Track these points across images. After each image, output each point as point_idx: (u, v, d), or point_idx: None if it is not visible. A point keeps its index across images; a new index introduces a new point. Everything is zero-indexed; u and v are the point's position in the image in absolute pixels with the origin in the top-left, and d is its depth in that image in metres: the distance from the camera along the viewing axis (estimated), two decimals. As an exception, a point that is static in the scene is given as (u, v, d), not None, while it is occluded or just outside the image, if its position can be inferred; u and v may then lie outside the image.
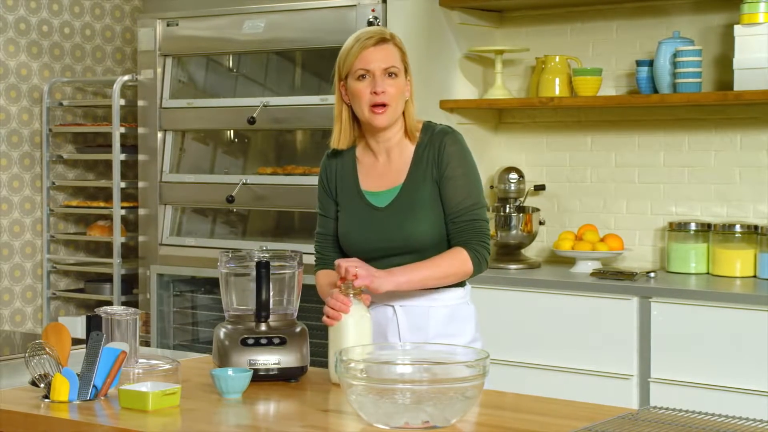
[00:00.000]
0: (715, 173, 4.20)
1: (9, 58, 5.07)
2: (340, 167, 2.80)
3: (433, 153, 2.69)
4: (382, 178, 2.74)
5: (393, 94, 2.66)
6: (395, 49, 2.69)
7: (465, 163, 2.70)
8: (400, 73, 2.68)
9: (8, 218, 5.10)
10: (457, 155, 2.69)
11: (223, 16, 4.67)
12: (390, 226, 2.69)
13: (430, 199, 2.69)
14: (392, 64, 2.66)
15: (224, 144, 5.03)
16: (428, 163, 2.69)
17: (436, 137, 2.70)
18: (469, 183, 2.70)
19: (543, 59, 4.38)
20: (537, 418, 2.27)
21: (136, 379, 2.48)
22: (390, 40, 2.69)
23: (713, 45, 4.15)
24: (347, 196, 2.77)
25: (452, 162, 2.68)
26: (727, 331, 3.62)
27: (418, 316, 2.71)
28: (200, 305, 4.94)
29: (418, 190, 2.69)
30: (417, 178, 2.70)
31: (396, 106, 2.67)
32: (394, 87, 2.66)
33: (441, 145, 2.69)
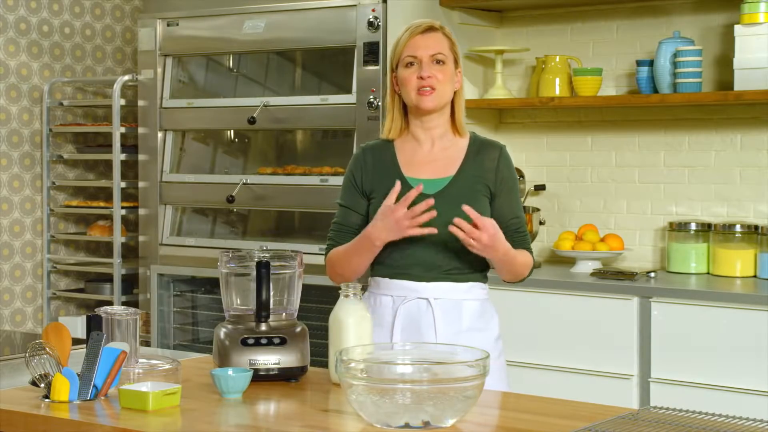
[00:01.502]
0: (715, 173, 4.20)
1: (9, 57, 5.07)
2: (377, 159, 2.79)
3: (489, 161, 2.75)
4: (428, 166, 2.75)
5: (441, 80, 2.70)
6: (444, 38, 2.74)
7: (516, 179, 2.82)
8: (447, 61, 2.72)
9: (8, 218, 5.10)
10: (511, 169, 2.79)
11: (223, 16, 4.67)
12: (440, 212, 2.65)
13: (478, 197, 2.72)
14: (440, 50, 2.71)
15: (224, 144, 5.03)
16: (484, 168, 2.74)
17: (493, 147, 2.78)
18: (518, 198, 2.81)
19: (543, 59, 4.38)
20: (537, 418, 2.27)
21: (137, 379, 2.48)
22: (439, 30, 2.74)
23: (713, 45, 4.15)
24: (387, 183, 2.72)
25: (511, 175, 2.78)
26: (728, 331, 3.62)
27: (451, 309, 2.73)
28: (200, 305, 4.94)
29: (467, 184, 2.72)
30: (469, 174, 2.73)
31: (443, 91, 2.71)
32: (441, 73, 2.70)
33: (499, 157, 2.76)
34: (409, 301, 2.73)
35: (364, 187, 2.79)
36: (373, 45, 4.23)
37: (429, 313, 2.72)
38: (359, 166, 2.81)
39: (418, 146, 2.77)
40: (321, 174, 4.44)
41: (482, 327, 2.76)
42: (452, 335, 2.69)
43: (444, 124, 2.76)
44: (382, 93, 4.22)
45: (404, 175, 2.75)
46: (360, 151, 2.85)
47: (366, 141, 4.01)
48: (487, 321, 2.78)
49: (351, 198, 2.81)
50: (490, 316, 2.80)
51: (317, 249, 4.37)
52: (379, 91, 4.23)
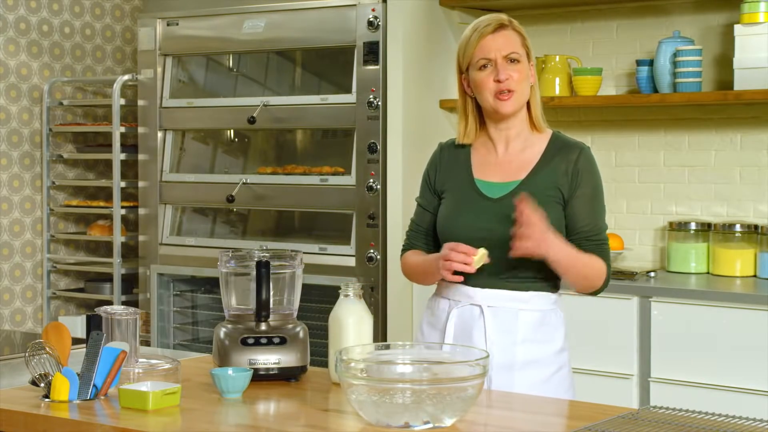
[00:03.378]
0: (715, 173, 4.20)
1: (9, 57, 5.07)
2: (452, 159, 2.71)
3: (566, 165, 2.59)
4: (498, 169, 2.64)
5: (517, 80, 2.58)
6: (515, 34, 2.61)
7: (597, 183, 2.63)
8: (522, 59, 2.59)
9: (8, 218, 5.10)
10: (592, 174, 2.62)
11: (223, 15, 4.67)
12: (497, 218, 2.57)
13: (548, 202, 2.56)
14: (513, 49, 2.59)
15: (224, 144, 5.03)
16: (557, 171, 2.59)
17: (573, 149, 2.62)
18: (600, 205, 2.63)
19: (543, 59, 4.38)
20: (537, 418, 2.27)
21: (137, 378, 2.48)
22: (509, 26, 2.61)
23: (713, 44, 4.15)
24: (456, 183, 2.66)
25: (587, 181, 2.60)
26: (728, 331, 3.62)
27: (506, 318, 2.59)
28: (200, 305, 4.94)
29: (538, 189, 2.57)
30: (540, 178, 2.59)
31: (521, 91, 2.59)
32: (517, 72, 2.58)
33: (578, 159, 2.60)
34: (462, 306, 2.63)
35: (436, 186, 2.72)
36: (373, 45, 4.23)
37: (481, 321, 2.60)
38: (434, 164, 2.74)
39: (493, 148, 2.66)
40: (321, 174, 4.44)
41: (541, 339, 2.60)
42: (507, 346, 2.57)
43: (520, 124, 2.64)
44: (381, 93, 4.22)
45: (474, 178, 2.66)
46: (437, 149, 2.77)
47: (371, 140, 3.98)
48: (549, 333, 2.61)
49: (426, 197, 2.75)
50: (553, 328, 2.62)
51: (317, 249, 4.38)
52: (379, 91, 4.23)
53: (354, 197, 4.29)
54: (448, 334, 2.63)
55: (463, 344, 2.54)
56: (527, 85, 2.61)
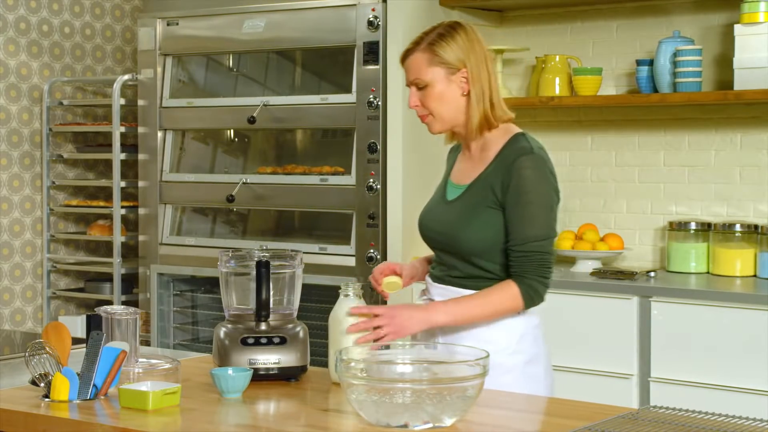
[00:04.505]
0: (715, 173, 4.20)
1: (9, 57, 5.07)
2: (452, 157, 2.80)
3: (503, 171, 2.56)
4: (464, 172, 2.69)
5: (428, 105, 2.61)
6: (422, 57, 2.60)
7: (537, 190, 2.54)
8: (430, 80, 2.59)
9: (8, 217, 5.10)
10: (529, 180, 2.54)
11: (223, 15, 4.67)
12: (445, 220, 2.64)
13: (486, 209, 2.58)
14: (416, 77, 2.61)
15: (224, 143, 5.03)
16: (497, 178, 2.57)
17: (512, 155, 2.57)
18: (539, 212, 2.54)
19: (543, 59, 4.38)
20: (537, 418, 2.27)
21: (137, 378, 2.48)
22: (415, 50, 2.62)
23: (713, 44, 4.15)
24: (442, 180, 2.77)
25: (522, 186, 2.53)
26: (728, 331, 3.62)
27: None
28: (200, 304, 4.94)
29: (478, 196, 2.60)
30: (482, 185, 2.60)
31: (439, 113, 2.61)
32: (427, 98, 2.61)
33: (513, 166, 2.55)
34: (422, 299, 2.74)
35: None
36: (373, 44, 4.23)
37: None
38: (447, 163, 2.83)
39: (465, 153, 2.72)
40: (321, 173, 4.44)
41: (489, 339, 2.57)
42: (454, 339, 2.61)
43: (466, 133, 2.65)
44: (381, 92, 4.22)
45: (448, 179, 2.74)
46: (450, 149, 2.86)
47: (371, 140, 3.99)
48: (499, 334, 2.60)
49: None
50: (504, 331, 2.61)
51: (317, 248, 4.38)
52: (379, 91, 4.23)
53: (354, 197, 4.29)
54: None
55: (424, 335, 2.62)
56: (445, 104, 2.61)
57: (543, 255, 2.54)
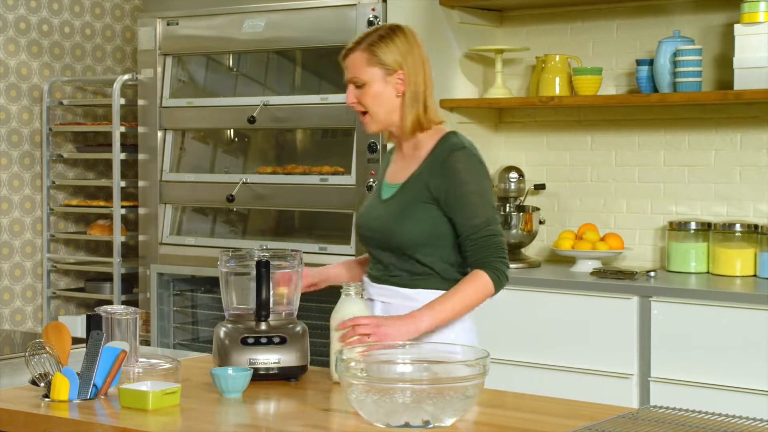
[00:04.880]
0: (715, 172, 4.20)
1: (9, 57, 5.07)
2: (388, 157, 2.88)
3: (438, 167, 2.67)
4: (397, 172, 2.78)
5: (365, 102, 2.69)
6: (362, 56, 2.68)
7: (472, 180, 2.65)
8: (368, 80, 2.67)
9: (8, 217, 5.10)
10: (464, 172, 2.65)
11: (223, 15, 4.67)
12: (381, 218, 2.73)
13: (421, 205, 2.68)
14: (353, 75, 2.70)
15: (224, 143, 5.03)
16: (430, 173, 2.67)
17: (446, 151, 2.68)
18: (481, 200, 2.65)
19: (543, 58, 4.38)
20: (537, 418, 2.27)
21: (137, 378, 2.48)
22: (356, 49, 2.69)
23: (713, 44, 4.15)
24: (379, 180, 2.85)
25: (458, 179, 2.64)
26: (728, 331, 3.62)
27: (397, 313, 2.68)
28: (200, 304, 4.94)
29: (413, 193, 2.70)
30: (416, 183, 2.70)
31: (374, 111, 2.70)
32: (364, 96, 2.69)
33: (447, 162, 2.66)
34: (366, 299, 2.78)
35: None
36: (373, 44, 4.22)
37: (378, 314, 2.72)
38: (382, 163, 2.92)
39: (398, 152, 2.81)
40: (321, 173, 4.43)
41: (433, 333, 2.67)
42: None
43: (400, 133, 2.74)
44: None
45: (383, 180, 2.82)
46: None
47: (370, 140, 4.02)
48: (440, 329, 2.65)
49: None
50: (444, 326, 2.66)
51: (317, 248, 4.38)
52: (379, 91, 4.22)
53: (354, 197, 4.29)
54: None
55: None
56: (381, 104, 2.69)
57: (497, 237, 2.65)
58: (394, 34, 2.69)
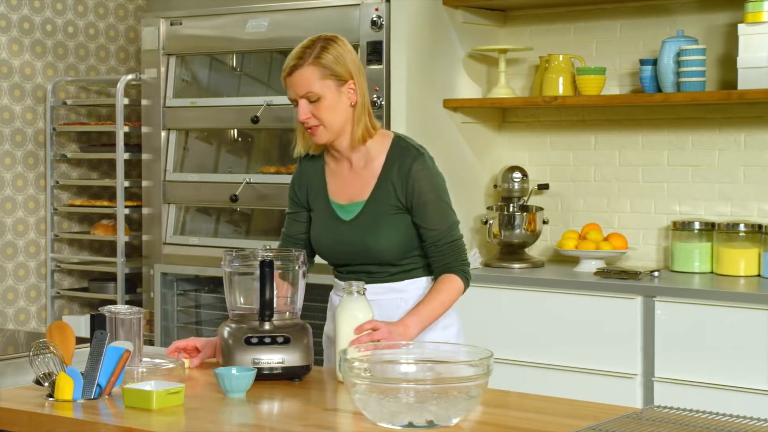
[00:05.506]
0: (719, 172, 4.20)
1: (13, 57, 5.08)
2: (312, 173, 2.86)
3: (401, 177, 2.73)
4: (347, 189, 2.80)
5: (320, 116, 2.70)
6: (312, 70, 2.67)
7: (435, 187, 2.76)
8: (322, 93, 2.67)
9: (12, 217, 5.11)
10: (426, 180, 2.74)
11: (226, 15, 4.67)
12: (354, 239, 2.78)
13: (392, 216, 2.75)
14: (307, 90, 2.68)
15: (228, 143, 5.04)
16: (395, 185, 2.74)
17: (405, 162, 2.74)
18: (442, 206, 2.77)
19: (547, 58, 4.38)
20: (540, 417, 2.27)
21: (140, 378, 2.49)
22: (303, 64, 2.68)
23: (717, 44, 4.15)
24: (317, 204, 2.84)
25: (423, 188, 2.73)
26: (731, 330, 3.62)
27: (388, 308, 2.78)
28: (204, 304, 4.94)
29: (381, 206, 2.75)
30: (381, 196, 2.76)
31: (329, 123, 2.71)
32: (317, 110, 2.69)
33: (409, 171, 2.73)
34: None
35: (302, 200, 2.89)
36: (377, 44, 4.22)
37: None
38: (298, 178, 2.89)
39: (340, 166, 2.82)
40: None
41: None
42: None
43: (350, 143, 2.77)
44: (385, 92, 4.22)
45: (330, 199, 2.83)
46: (298, 164, 2.90)
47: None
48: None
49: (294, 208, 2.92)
50: None
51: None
52: (383, 90, 4.23)
53: (357, 197, 4.29)
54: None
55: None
56: (338, 114, 2.71)
57: (460, 241, 2.80)
58: (335, 43, 2.70)
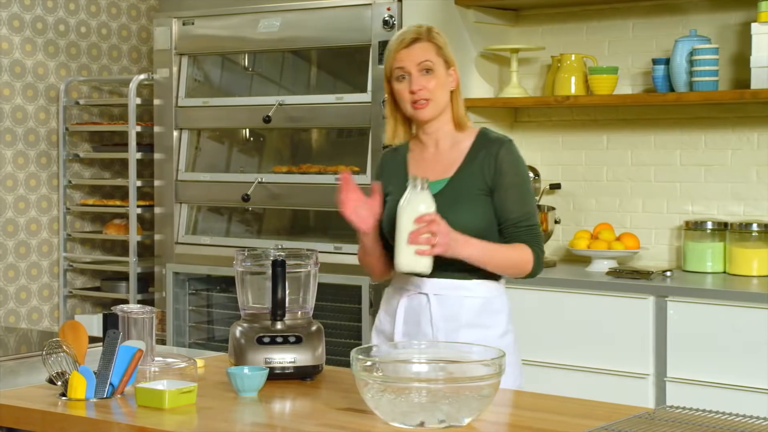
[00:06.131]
0: (731, 172, 4.19)
1: (26, 57, 5.09)
2: (392, 163, 2.88)
3: (489, 159, 2.76)
4: (431, 168, 2.80)
5: (431, 89, 2.75)
6: (429, 45, 2.77)
7: (520, 173, 2.78)
8: (436, 68, 2.75)
9: (25, 216, 5.12)
10: (513, 164, 2.77)
11: (238, 15, 4.68)
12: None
13: (476, 196, 2.75)
14: (425, 58, 2.75)
15: (240, 143, 5.04)
16: (482, 166, 2.76)
17: (494, 144, 2.78)
18: (526, 192, 2.78)
19: (559, 58, 4.37)
20: (553, 417, 2.27)
21: (153, 377, 2.49)
22: (423, 38, 2.77)
23: (730, 43, 4.14)
24: (396, 185, 2.80)
25: (509, 171, 2.75)
26: (744, 331, 3.61)
27: (451, 305, 2.75)
28: (216, 303, 4.95)
29: (466, 184, 2.75)
30: (467, 174, 2.76)
31: (437, 99, 2.76)
32: (431, 82, 2.74)
33: (498, 153, 2.76)
34: (410, 294, 2.79)
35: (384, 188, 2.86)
36: (389, 44, 4.22)
37: (428, 308, 2.76)
38: (378, 172, 2.92)
39: (425, 148, 2.85)
40: (336, 173, 4.44)
41: (485, 323, 2.77)
42: (451, 330, 2.74)
43: (445, 126, 2.82)
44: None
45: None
46: (380, 160, 2.95)
47: (382, 140, 4.02)
48: (491, 318, 2.79)
49: None
50: (494, 313, 2.79)
51: (332, 248, 4.38)
52: (395, 90, 4.22)
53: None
54: (399, 320, 2.81)
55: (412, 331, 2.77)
56: (444, 92, 2.79)
57: (539, 229, 2.79)
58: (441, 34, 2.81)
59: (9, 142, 5.05)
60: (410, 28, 2.81)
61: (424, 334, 2.75)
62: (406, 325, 2.80)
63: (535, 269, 2.77)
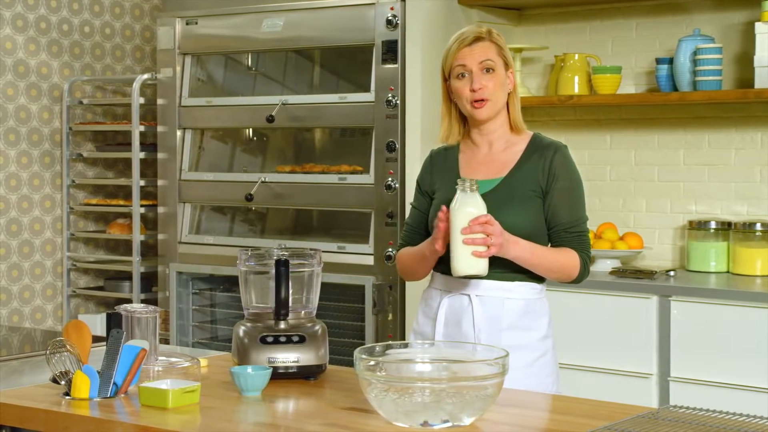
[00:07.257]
0: (735, 171, 4.18)
1: (29, 56, 5.10)
2: (442, 161, 2.87)
3: (543, 161, 2.75)
4: (482, 168, 2.79)
5: (491, 89, 2.74)
6: (491, 45, 2.77)
7: (574, 178, 2.79)
8: (497, 68, 2.75)
9: (29, 216, 5.13)
10: (568, 169, 2.78)
11: (242, 14, 4.68)
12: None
13: (528, 198, 2.74)
14: (487, 57, 2.74)
15: (243, 142, 5.04)
16: (536, 168, 2.75)
17: (549, 147, 2.78)
18: (578, 198, 2.79)
19: (562, 57, 4.37)
20: (556, 417, 2.27)
21: (156, 376, 2.49)
22: (485, 38, 2.77)
23: (734, 42, 4.13)
24: (446, 183, 2.80)
25: (564, 175, 2.76)
26: (748, 330, 3.60)
27: (493, 307, 2.73)
28: (219, 303, 4.95)
29: (519, 185, 2.74)
30: (520, 175, 2.75)
31: (496, 99, 2.75)
32: (492, 81, 2.74)
33: (553, 157, 2.76)
34: (452, 295, 2.76)
35: (428, 189, 2.87)
36: (392, 43, 4.23)
37: (470, 309, 2.74)
38: (426, 170, 2.90)
39: (477, 149, 2.83)
40: (339, 172, 4.44)
41: (526, 326, 2.75)
42: (493, 332, 2.71)
43: (501, 128, 2.80)
44: (400, 91, 4.22)
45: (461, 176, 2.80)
46: (428, 156, 2.93)
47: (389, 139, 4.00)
48: (533, 320, 2.76)
49: (419, 200, 2.89)
50: (536, 316, 2.77)
51: (335, 247, 4.38)
52: (398, 90, 4.23)
53: (372, 196, 4.29)
54: (439, 321, 2.78)
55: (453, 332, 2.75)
56: (503, 93, 2.78)
57: (587, 236, 2.79)
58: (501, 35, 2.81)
59: (13, 142, 5.05)
60: (470, 27, 2.80)
61: (465, 336, 2.72)
62: (447, 326, 2.77)
63: (581, 275, 2.76)
